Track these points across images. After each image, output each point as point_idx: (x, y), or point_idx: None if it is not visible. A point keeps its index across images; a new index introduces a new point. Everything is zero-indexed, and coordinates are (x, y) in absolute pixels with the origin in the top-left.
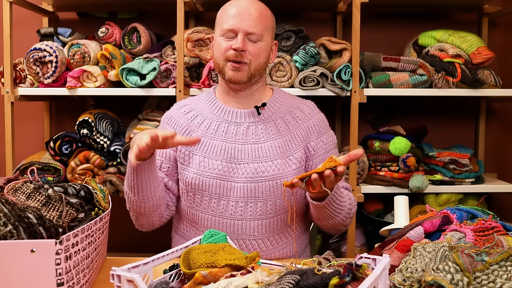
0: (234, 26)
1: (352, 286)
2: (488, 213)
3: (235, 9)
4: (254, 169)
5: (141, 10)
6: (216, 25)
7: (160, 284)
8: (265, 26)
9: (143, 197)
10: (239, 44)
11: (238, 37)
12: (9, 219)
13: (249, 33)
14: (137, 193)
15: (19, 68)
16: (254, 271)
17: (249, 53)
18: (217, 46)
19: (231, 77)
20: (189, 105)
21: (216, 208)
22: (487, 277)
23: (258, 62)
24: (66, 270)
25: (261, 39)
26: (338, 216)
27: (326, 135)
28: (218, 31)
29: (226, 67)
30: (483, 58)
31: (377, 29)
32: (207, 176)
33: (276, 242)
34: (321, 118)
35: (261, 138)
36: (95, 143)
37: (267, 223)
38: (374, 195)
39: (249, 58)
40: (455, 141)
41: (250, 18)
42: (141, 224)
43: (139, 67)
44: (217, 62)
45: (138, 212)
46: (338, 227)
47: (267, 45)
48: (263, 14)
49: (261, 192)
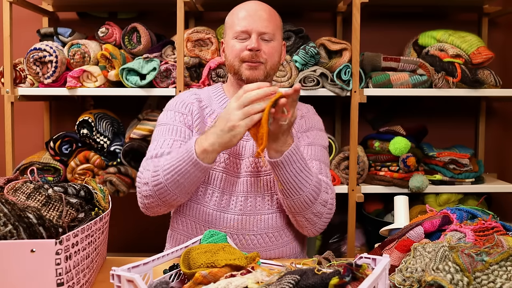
0: (247, 27)
1: (352, 286)
2: (488, 213)
3: (245, 12)
4: (254, 163)
5: (141, 10)
6: (226, 29)
7: (160, 284)
8: (276, 26)
9: (185, 192)
10: (254, 44)
11: (252, 37)
12: (9, 219)
13: (262, 32)
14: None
15: (19, 68)
16: (254, 271)
17: (264, 52)
18: (231, 49)
19: (248, 76)
20: (200, 95)
21: (218, 203)
22: (487, 277)
23: (273, 61)
24: (66, 270)
25: (273, 38)
26: (302, 191)
27: (315, 132)
28: (230, 35)
29: (242, 68)
30: (483, 58)
31: (377, 29)
32: (214, 169)
33: (275, 239)
34: (316, 119)
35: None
36: (95, 143)
37: (266, 219)
38: (374, 195)
39: (265, 58)
40: (455, 141)
41: (261, 19)
42: (157, 211)
43: (139, 67)
44: (232, 64)
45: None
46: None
47: (279, 44)
48: (272, 15)
49: (260, 187)
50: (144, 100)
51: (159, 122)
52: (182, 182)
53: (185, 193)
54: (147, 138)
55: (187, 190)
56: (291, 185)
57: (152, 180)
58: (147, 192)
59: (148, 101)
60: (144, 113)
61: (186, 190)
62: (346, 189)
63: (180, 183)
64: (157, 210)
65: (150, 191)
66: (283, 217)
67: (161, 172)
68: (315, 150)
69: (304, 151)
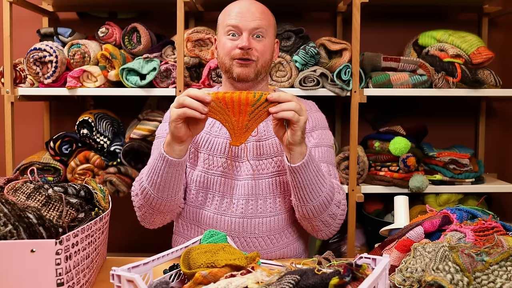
0: (238, 24)
1: (352, 286)
2: (488, 213)
3: (237, 9)
4: (255, 166)
5: (141, 10)
6: (218, 26)
7: (160, 284)
8: (268, 23)
9: (167, 195)
10: (245, 43)
11: (243, 35)
12: (9, 219)
13: (254, 28)
14: (164, 191)
15: (19, 68)
16: (254, 271)
17: (255, 50)
18: (222, 46)
19: (239, 73)
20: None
21: (218, 206)
22: (487, 277)
23: (264, 59)
24: (66, 270)
25: (265, 35)
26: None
27: (319, 132)
28: (221, 31)
29: (233, 65)
30: (483, 58)
31: (377, 29)
32: (212, 174)
33: (276, 241)
34: (319, 116)
35: (263, 136)
36: (95, 143)
37: (267, 222)
38: (374, 195)
39: (256, 56)
40: (455, 141)
41: (253, 16)
42: (153, 221)
43: (139, 67)
44: (223, 62)
45: (155, 209)
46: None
47: (271, 42)
48: (265, 12)
49: (261, 189)
50: (144, 100)
51: (156, 135)
52: (159, 182)
53: (167, 195)
54: (147, 138)
55: (168, 191)
56: (310, 189)
57: (139, 188)
58: (139, 203)
59: (148, 101)
60: (144, 113)
61: (167, 192)
62: (346, 189)
63: (157, 183)
64: (152, 220)
65: (141, 200)
66: (285, 218)
67: (144, 177)
68: (322, 152)
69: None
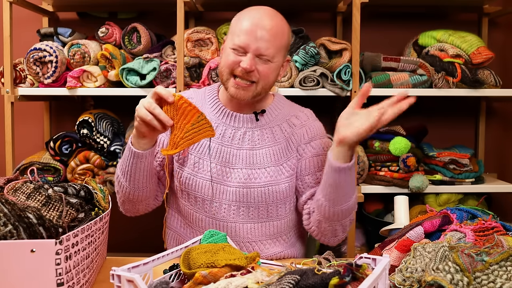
0: (245, 43)
1: (352, 286)
2: (488, 213)
3: (249, 23)
4: (247, 175)
5: (141, 10)
6: (229, 33)
7: (160, 284)
8: (278, 47)
9: (134, 185)
10: (247, 65)
11: (248, 56)
12: (9, 219)
13: (260, 54)
14: (130, 180)
15: (19, 68)
16: (254, 271)
17: (258, 72)
18: (226, 57)
19: (233, 94)
20: (193, 99)
21: (209, 210)
22: (487, 277)
23: (266, 81)
24: (66, 270)
25: (272, 60)
26: (351, 197)
27: (319, 141)
28: (229, 42)
29: (229, 82)
30: (483, 58)
31: (377, 29)
32: (201, 177)
33: (270, 246)
34: (317, 125)
35: (257, 145)
36: (95, 143)
37: (260, 227)
38: (374, 195)
39: (257, 78)
40: (455, 141)
41: (263, 38)
42: (126, 209)
43: (139, 67)
44: (222, 72)
45: (126, 197)
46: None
47: (277, 65)
48: (278, 33)
49: (253, 198)
50: None
51: None
52: (127, 171)
53: (137, 185)
54: None
55: (136, 181)
56: (346, 191)
57: (116, 181)
58: (121, 199)
59: None
60: None
61: (136, 182)
62: None
63: (126, 172)
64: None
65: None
66: (279, 225)
67: (118, 170)
68: (322, 161)
69: (313, 162)
